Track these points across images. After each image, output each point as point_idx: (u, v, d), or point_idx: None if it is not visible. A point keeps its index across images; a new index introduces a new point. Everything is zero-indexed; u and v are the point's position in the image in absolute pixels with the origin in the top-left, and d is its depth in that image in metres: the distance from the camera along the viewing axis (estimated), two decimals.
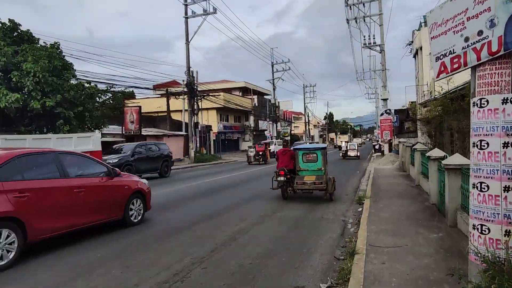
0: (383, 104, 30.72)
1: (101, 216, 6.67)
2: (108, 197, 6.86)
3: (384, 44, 30.12)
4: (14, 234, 5.05)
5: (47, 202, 5.61)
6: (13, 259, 5.00)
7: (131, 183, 7.53)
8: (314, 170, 9.86)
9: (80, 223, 6.18)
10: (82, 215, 6.21)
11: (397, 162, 20.43)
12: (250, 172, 19.45)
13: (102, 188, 6.79)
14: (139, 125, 23.90)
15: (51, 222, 5.62)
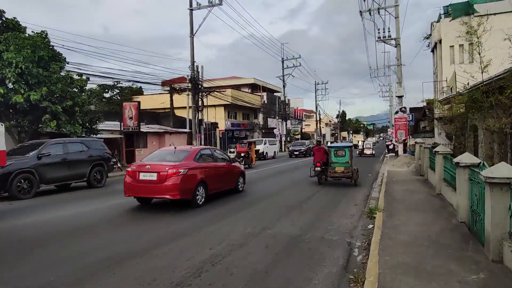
0: (398, 101, 28.86)
1: (227, 185, 11.18)
2: (231, 174, 11.45)
3: (399, 37, 28.24)
4: (203, 189, 9.52)
5: (212, 174, 10.10)
6: (202, 203, 9.40)
7: (239, 167, 12.31)
8: (343, 163, 13.19)
9: (221, 188, 10.83)
10: (222, 183, 10.83)
11: (413, 165, 18.72)
12: None
13: (228, 169, 11.31)
14: (138, 122, 22.64)
15: (213, 185, 10.10)
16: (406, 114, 28.11)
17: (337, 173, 13.14)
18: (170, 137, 27.39)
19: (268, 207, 9.39)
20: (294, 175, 17.32)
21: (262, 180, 15.65)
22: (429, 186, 11.61)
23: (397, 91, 28.25)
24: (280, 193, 11.95)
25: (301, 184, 13.90)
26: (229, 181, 11.22)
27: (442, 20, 23.65)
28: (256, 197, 11.01)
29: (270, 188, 13.00)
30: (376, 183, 13.54)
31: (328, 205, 9.23)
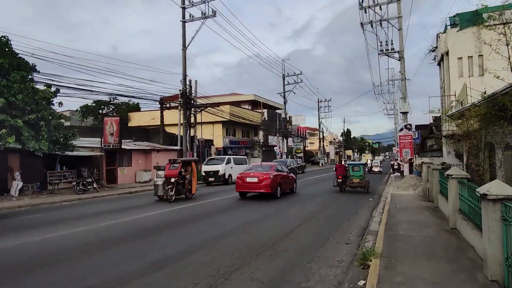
0: (403, 118, 26.97)
1: (288, 188, 17.05)
2: (291, 180, 17.56)
3: (403, 50, 26.59)
4: (279, 188, 15.65)
5: (283, 180, 16.10)
6: (279, 196, 15.58)
7: (293, 176, 18.11)
8: (358, 176, 17.70)
9: (286, 189, 16.72)
10: (286, 186, 16.71)
11: (420, 187, 16.65)
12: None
13: (289, 177, 17.42)
14: (119, 138, 20.88)
15: (283, 186, 16.09)
16: (411, 132, 26.16)
17: (354, 183, 17.83)
18: (158, 155, 25.60)
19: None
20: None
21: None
22: (440, 216, 9.57)
23: (401, 107, 26.39)
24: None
25: (272, 218, 10.36)
26: (290, 185, 17.64)
27: (449, 31, 21.94)
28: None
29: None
30: (377, 210, 11.51)
31: (312, 244, 7.24)
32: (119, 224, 9.56)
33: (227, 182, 23.66)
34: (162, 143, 28.70)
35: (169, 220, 10.22)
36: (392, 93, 54.67)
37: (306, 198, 15.70)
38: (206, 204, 14.06)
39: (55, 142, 17.73)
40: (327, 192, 18.17)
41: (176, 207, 13.07)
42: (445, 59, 22.58)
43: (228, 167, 24.22)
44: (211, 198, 16.08)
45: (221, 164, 23.95)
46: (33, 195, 17.25)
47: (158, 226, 9.23)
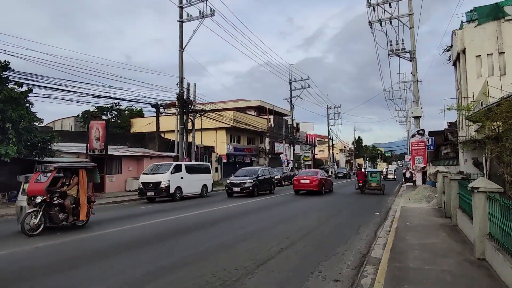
0: (415, 123, 24.95)
1: (327, 188, 22.88)
2: (330, 182, 24.06)
3: (415, 50, 24.68)
4: (323, 187, 21.76)
5: (325, 182, 22.38)
6: (323, 194, 21.71)
7: (331, 180, 25.29)
8: (376, 180, 21.93)
9: (326, 188, 22.44)
10: (326, 186, 22.51)
11: (434, 200, 14.62)
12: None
13: (329, 180, 24.29)
14: (105, 143, 19.34)
15: (325, 187, 22.26)
16: (424, 138, 24.10)
17: (372, 186, 21.72)
18: (151, 162, 23.96)
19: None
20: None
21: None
22: (461, 239, 7.62)
23: (413, 111, 24.37)
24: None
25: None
26: (328, 186, 23.32)
27: (466, 27, 19.96)
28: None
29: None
30: (382, 229, 9.59)
31: (292, 281, 5.44)
32: None
33: (174, 197, 17.85)
34: (158, 149, 27.14)
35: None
36: (404, 98, 52.46)
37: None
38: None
39: (32, 146, 16.28)
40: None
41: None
42: (461, 58, 20.58)
43: (175, 178, 18.08)
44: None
45: (164, 173, 17.90)
46: (2, 205, 15.73)
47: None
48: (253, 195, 19.81)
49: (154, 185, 17.64)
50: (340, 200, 18.00)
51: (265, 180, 22.02)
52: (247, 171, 22.35)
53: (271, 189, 22.89)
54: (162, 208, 15.21)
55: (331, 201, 17.70)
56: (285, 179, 33.67)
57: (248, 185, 19.95)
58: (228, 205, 15.84)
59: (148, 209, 14.81)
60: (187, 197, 19.21)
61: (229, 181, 20.75)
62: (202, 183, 20.62)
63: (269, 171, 23.60)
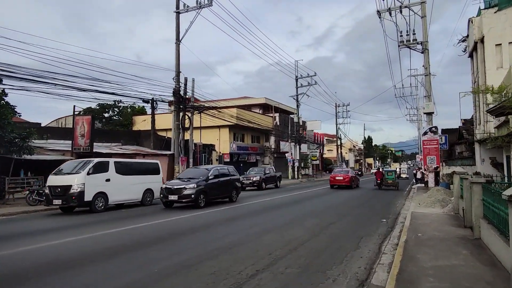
0: (427, 120, 23.12)
1: (356, 183, 29.41)
2: (357, 179, 31.86)
3: (427, 41, 22.88)
4: (353, 183, 28.00)
5: (354, 178, 29.21)
6: (354, 188, 27.70)
7: (358, 177, 33.37)
8: (391, 178, 26.22)
9: (354, 185, 28.62)
10: (356, 182, 30.08)
11: (450, 205, 12.89)
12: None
13: (357, 177, 31.95)
14: (90, 140, 17.99)
15: (354, 182, 28.14)
16: (437, 136, 22.29)
17: (388, 183, 25.91)
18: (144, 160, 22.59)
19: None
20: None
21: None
22: (489, 260, 5.96)
23: (425, 106, 22.57)
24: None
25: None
26: (357, 181, 29.04)
27: (484, 13, 18.12)
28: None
29: None
30: (388, 241, 7.97)
31: None
32: None
33: (93, 207, 13.26)
34: (153, 147, 25.77)
35: None
36: (415, 96, 50.38)
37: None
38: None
39: (10, 143, 14.99)
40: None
41: None
42: (479, 48, 18.73)
43: (95, 180, 13.38)
44: None
45: (78, 173, 13.19)
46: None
47: None
48: (198, 206, 14.40)
49: (62, 189, 12.88)
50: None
51: (221, 184, 16.37)
52: (194, 172, 16.60)
53: (232, 196, 17.11)
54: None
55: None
56: (268, 181, 28.01)
57: (189, 192, 14.24)
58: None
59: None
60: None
61: (164, 186, 15.17)
62: (144, 187, 15.68)
63: (229, 171, 17.82)
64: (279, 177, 30.48)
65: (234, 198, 17.26)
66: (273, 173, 29.69)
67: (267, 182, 27.76)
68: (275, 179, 29.52)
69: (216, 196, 16.10)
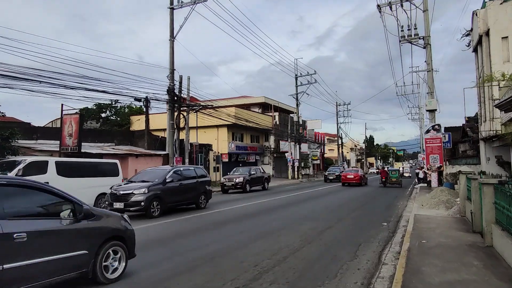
0: (430, 117, 22.33)
1: (365, 182, 32.74)
2: (365, 177, 35.60)
3: (429, 36, 22.11)
4: (362, 181, 31.20)
5: (364, 177, 32.99)
6: (363, 185, 30.68)
7: (366, 176, 39.46)
8: (395, 177, 28.54)
9: (363, 183, 31.36)
10: (365, 180, 33.85)
11: (455, 207, 12.08)
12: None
13: (364, 176, 35.81)
14: (78, 140, 17.25)
15: (363, 180, 31.74)
16: (440, 134, 21.49)
17: (392, 181, 28.12)
18: (136, 161, 21.88)
19: None
20: None
21: None
22: (505, 273, 5.17)
23: (428, 103, 21.79)
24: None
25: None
26: (365, 180, 31.95)
27: (489, 5, 17.31)
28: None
29: None
30: (389, 249, 7.19)
31: None
32: None
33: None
34: (148, 147, 25.03)
35: None
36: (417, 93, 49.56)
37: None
38: None
39: None
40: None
41: None
42: (484, 42, 17.91)
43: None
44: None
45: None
46: None
47: None
48: (150, 215, 11.82)
49: None
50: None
51: (184, 188, 13.62)
52: (151, 173, 13.63)
53: (200, 202, 14.38)
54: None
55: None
56: (254, 182, 24.64)
57: (138, 199, 11.68)
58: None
59: None
60: None
61: (110, 191, 12.51)
62: (97, 192, 13.30)
63: (197, 172, 15.09)
64: (267, 178, 27.47)
65: (202, 204, 14.31)
66: (260, 173, 26.35)
67: (253, 183, 24.48)
68: (262, 180, 26.19)
69: (177, 202, 13.35)
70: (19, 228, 3.98)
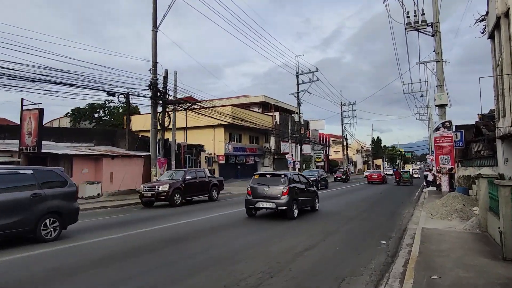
0: (440, 113, 19.91)
1: (385, 181, 41.04)
2: (386, 177, 47.32)
3: (438, 21, 19.76)
4: (384, 181, 41.47)
5: (384, 177, 42.94)
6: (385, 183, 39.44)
7: (386, 176, 47.01)
8: (407, 177, 35.83)
9: (383, 181, 40.08)
10: (385, 180, 42.75)
11: (473, 219, 9.73)
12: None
13: (385, 176, 44.64)
14: (37, 138, 15.21)
15: (385, 180, 41.11)
16: (451, 132, 19.11)
17: (405, 181, 34.60)
18: (112, 163, 19.78)
19: None
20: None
21: None
22: None
23: (437, 97, 19.41)
24: None
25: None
26: (386, 179, 40.61)
27: None
28: None
29: None
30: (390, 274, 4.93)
31: None
32: None
33: None
34: (129, 147, 22.95)
35: None
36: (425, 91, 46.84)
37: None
38: None
39: None
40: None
41: None
42: (502, 25, 15.49)
43: None
44: None
45: None
46: None
47: None
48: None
49: None
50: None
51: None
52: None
53: (39, 231, 8.07)
54: None
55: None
56: (191, 191, 17.27)
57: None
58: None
59: None
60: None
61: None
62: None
63: (25, 177, 8.28)
64: (217, 184, 19.07)
65: (48, 234, 8.28)
66: (203, 178, 18.32)
67: (190, 192, 17.02)
68: (208, 187, 18.27)
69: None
70: None
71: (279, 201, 11.32)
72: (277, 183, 11.67)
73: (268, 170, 43.47)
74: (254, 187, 11.85)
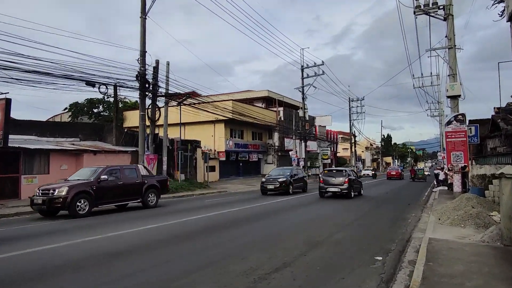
0: (452, 105, 18.04)
1: (402, 177, 46.66)
2: (402, 174, 52.93)
3: (451, 4, 17.88)
4: (401, 177, 46.57)
5: (401, 173, 50.09)
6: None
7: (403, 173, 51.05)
8: (421, 174, 41.59)
9: (401, 178, 46.94)
10: (402, 176, 47.94)
11: (492, 228, 7.98)
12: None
13: (402, 172, 51.83)
14: (3, 131, 13.84)
15: (402, 177, 46.73)
16: (465, 126, 17.26)
17: (419, 177, 40.26)
18: (94, 159, 18.37)
19: None
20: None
21: None
22: None
23: (449, 87, 17.56)
24: None
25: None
26: (402, 176, 45.54)
27: None
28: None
29: None
30: None
31: None
32: None
33: None
34: (116, 142, 21.55)
35: None
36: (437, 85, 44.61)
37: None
38: None
39: None
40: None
41: None
42: None
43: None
44: None
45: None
46: None
47: None
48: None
49: None
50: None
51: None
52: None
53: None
54: None
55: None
56: (106, 196, 12.89)
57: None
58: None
59: None
60: None
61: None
62: None
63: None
64: (155, 186, 14.82)
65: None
66: (136, 176, 14.27)
67: (106, 197, 12.85)
68: (141, 190, 14.13)
69: None
70: None
71: (343, 187, 17.56)
72: (340, 175, 17.98)
73: (272, 167, 41.82)
74: (324, 178, 18.17)
